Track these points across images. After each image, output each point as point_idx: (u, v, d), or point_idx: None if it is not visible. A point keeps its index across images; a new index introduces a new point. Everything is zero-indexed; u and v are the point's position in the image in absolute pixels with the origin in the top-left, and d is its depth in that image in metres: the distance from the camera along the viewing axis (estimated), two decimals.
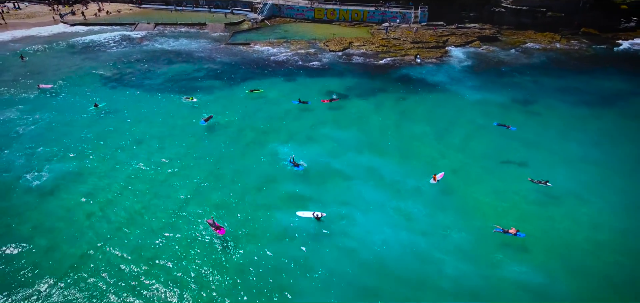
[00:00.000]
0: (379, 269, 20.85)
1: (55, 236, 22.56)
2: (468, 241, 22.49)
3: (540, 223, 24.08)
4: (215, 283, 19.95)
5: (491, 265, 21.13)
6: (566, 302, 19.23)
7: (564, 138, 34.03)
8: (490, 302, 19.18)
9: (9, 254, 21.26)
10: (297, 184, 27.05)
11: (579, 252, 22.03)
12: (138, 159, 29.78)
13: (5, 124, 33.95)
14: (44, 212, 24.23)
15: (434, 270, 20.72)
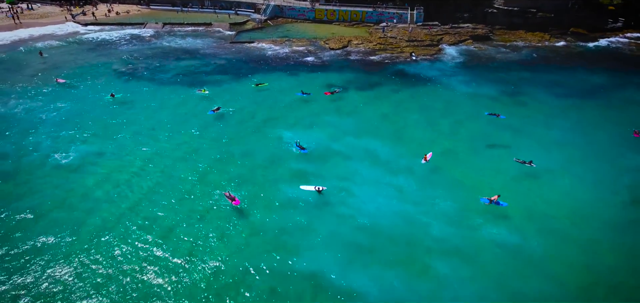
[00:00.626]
0: (372, 231, 23.56)
1: (83, 206, 25.27)
2: (453, 209, 25.24)
3: (519, 194, 26.82)
4: (231, 242, 22.67)
5: (472, 228, 23.86)
6: (536, 257, 21.90)
7: (546, 125, 36.81)
8: (470, 257, 21.85)
9: (45, 219, 23.94)
10: (301, 163, 29.83)
11: (551, 218, 24.75)
12: (154, 142, 32.57)
13: (30, 112, 36.77)
14: (72, 185, 26.97)
15: (421, 232, 23.45)
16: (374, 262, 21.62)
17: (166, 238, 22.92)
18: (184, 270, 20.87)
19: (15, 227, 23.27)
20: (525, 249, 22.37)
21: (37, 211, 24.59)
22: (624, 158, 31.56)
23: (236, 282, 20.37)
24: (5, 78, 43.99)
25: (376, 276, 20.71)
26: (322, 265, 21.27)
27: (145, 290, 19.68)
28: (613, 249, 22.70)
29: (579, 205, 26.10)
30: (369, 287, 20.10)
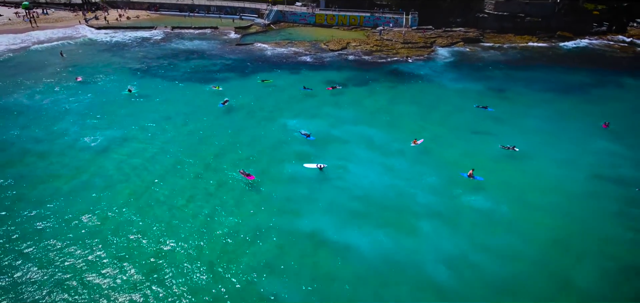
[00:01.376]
0: (366, 200, 27.16)
1: (114, 178, 28.88)
2: (437, 183, 28.89)
3: (497, 172, 30.47)
4: (244, 207, 26.25)
5: (452, 197, 27.48)
6: (506, 219, 25.54)
7: (527, 116, 40.61)
8: (449, 219, 25.45)
9: (80, 191, 27.51)
10: (304, 146, 33.52)
11: (522, 190, 28.41)
12: (170, 129, 36.27)
13: (56, 103, 40.49)
14: (102, 162, 30.64)
15: (409, 200, 27.06)
16: (367, 224, 25.18)
17: (188, 204, 26.54)
18: (205, 228, 24.45)
19: (57, 195, 26.85)
20: (497, 212, 26.00)
21: (73, 182, 28.20)
22: (591, 144, 35.31)
23: (250, 237, 23.92)
24: (30, 76, 47.71)
25: (368, 234, 24.28)
26: (322, 226, 24.84)
27: (172, 244, 23.21)
28: (572, 213, 26.42)
29: (547, 180, 29.80)
30: (362, 242, 23.65)
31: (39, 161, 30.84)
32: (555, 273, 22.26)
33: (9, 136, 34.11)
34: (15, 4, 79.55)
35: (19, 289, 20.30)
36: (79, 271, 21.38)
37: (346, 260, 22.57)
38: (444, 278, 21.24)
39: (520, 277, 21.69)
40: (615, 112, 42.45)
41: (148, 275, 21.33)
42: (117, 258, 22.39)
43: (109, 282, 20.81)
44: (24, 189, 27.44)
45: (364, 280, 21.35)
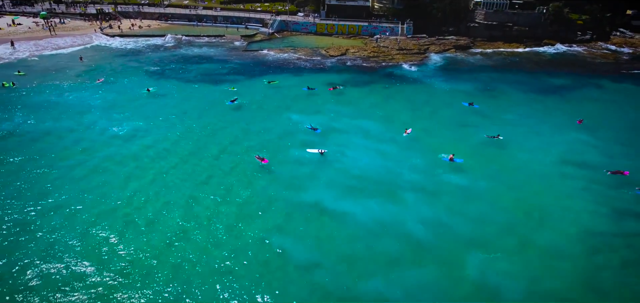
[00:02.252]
0: (361, 178, 31.55)
1: (139, 162, 33.27)
2: (422, 164, 33.37)
3: (476, 156, 34.96)
4: (256, 183, 30.62)
5: (435, 175, 31.92)
6: (480, 192, 29.91)
7: (509, 112, 45.27)
8: (430, 192, 29.83)
9: (113, 170, 31.91)
10: (307, 136, 38.01)
11: (497, 171, 32.84)
12: (187, 121, 40.82)
13: (82, 100, 45.11)
14: (128, 147, 35.10)
15: (397, 177, 31.48)
16: (361, 196, 29.56)
17: (208, 181, 30.97)
18: (224, 199, 28.82)
19: (93, 174, 31.28)
20: (472, 187, 30.43)
21: (105, 164, 32.64)
22: (564, 136, 39.90)
23: (262, 206, 28.27)
24: (55, 77, 52.44)
25: (361, 203, 28.65)
26: (323, 198, 29.19)
27: (196, 211, 27.57)
28: (541, 189, 30.89)
29: (521, 163, 34.29)
30: (356, 210, 27.99)
31: (74, 145, 35.31)
32: (519, 233, 26.61)
33: (45, 126, 38.64)
34: (34, 14, 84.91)
35: (76, 236, 24.63)
36: (118, 233, 25.67)
37: (343, 222, 26.91)
38: (421, 234, 25.65)
39: (488, 236, 26.01)
40: (591, 111, 47.21)
41: (178, 235, 25.61)
42: (150, 222, 26.67)
43: (145, 241, 25.07)
44: (64, 168, 31.84)
45: (357, 237, 25.68)
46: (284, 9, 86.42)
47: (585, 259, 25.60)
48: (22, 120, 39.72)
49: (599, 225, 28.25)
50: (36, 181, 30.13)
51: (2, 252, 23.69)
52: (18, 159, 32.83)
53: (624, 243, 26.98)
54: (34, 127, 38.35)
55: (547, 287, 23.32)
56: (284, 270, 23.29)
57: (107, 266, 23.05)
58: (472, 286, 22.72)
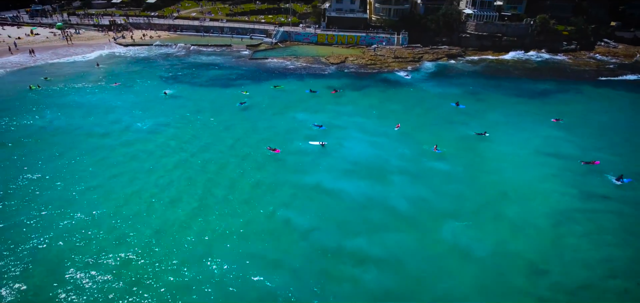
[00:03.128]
0: (355, 164, 36.78)
1: (162, 152, 38.50)
2: (408, 153, 38.72)
3: (458, 148, 40.21)
4: (265, 169, 35.79)
5: (419, 162, 37.25)
6: (458, 176, 34.97)
7: (493, 112, 50.57)
8: (414, 175, 35.01)
9: (139, 158, 37.07)
10: (310, 131, 43.25)
11: (476, 160, 38.07)
12: (202, 119, 46.13)
13: (105, 101, 50.47)
14: (152, 140, 40.39)
15: (386, 163, 36.82)
16: (354, 178, 34.77)
17: (223, 167, 36.16)
18: (238, 182, 33.93)
19: (122, 162, 36.47)
20: (452, 172, 35.74)
21: (132, 153, 37.76)
22: (541, 132, 45.23)
23: (271, 187, 33.39)
24: (75, 81, 57.83)
25: (355, 184, 33.93)
26: (323, 180, 34.37)
27: (213, 191, 32.65)
28: (515, 174, 36.12)
29: (498, 153, 39.50)
30: (349, 188, 33.28)
31: (104, 138, 40.62)
32: (491, 208, 31.67)
33: (75, 122, 43.91)
34: (50, 25, 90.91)
35: (109, 205, 29.62)
36: (148, 207, 30.74)
37: (339, 198, 32.05)
38: (404, 207, 30.99)
39: (462, 210, 31.07)
40: (569, 112, 52.48)
41: (199, 209, 30.68)
42: (172, 202, 31.64)
43: (171, 213, 30.13)
44: (97, 157, 37.04)
45: (351, 209, 30.87)
46: (286, 21, 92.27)
47: (550, 229, 30.51)
48: (53, 117, 45.01)
49: (565, 203, 33.24)
50: (74, 167, 35.38)
51: (55, 221, 28.75)
52: (55, 150, 38.06)
53: (586, 217, 31.85)
54: (65, 123, 43.65)
55: (511, 248, 28.24)
56: (289, 233, 28.30)
57: (141, 233, 28.03)
58: (444, 246, 27.66)
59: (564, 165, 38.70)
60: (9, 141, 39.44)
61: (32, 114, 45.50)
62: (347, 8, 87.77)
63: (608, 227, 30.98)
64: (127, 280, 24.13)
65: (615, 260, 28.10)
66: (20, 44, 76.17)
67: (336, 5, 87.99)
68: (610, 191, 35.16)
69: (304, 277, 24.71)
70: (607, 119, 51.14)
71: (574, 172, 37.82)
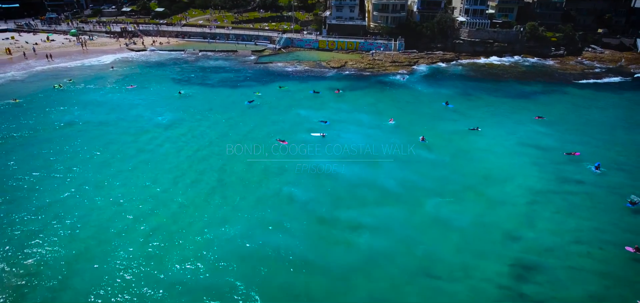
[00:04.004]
0: (352, 151, 42.01)
1: (180, 142, 43.57)
2: (399, 143, 43.81)
3: (445, 140, 45.35)
4: (273, 155, 40.86)
5: (408, 150, 42.32)
6: (443, 163, 39.92)
7: (480, 110, 55.70)
8: (403, 160, 40.03)
9: (162, 146, 42.13)
10: (312, 124, 48.30)
11: (461, 150, 43.11)
12: (213, 115, 51.36)
13: (125, 100, 55.76)
14: (172, 131, 45.60)
15: (377, 151, 42.03)
16: (350, 163, 39.93)
17: (235, 155, 41.27)
18: (249, 166, 38.92)
19: (145, 149, 41.62)
20: (438, 160, 40.86)
21: (155, 142, 42.91)
22: (524, 127, 50.40)
23: (278, 170, 38.43)
24: (96, 82, 63.18)
25: (349, 168, 39.03)
26: (322, 164, 39.47)
27: (229, 173, 37.70)
28: (497, 162, 41.19)
29: (483, 145, 44.59)
30: (344, 171, 38.35)
31: (128, 130, 45.99)
32: (471, 188, 36.62)
33: (100, 117, 49.13)
34: (64, 32, 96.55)
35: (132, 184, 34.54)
36: (171, 186, 35.73)
37: (334, 179, 37.22)
38: (392, 185, 36.14)
39: (445, 189, 36.13)
40: (553, 111, 57.57)
41: (216, 188, 35.64)
42: (193, 181, 36.61)
43: (192, 191, 35.08)
44: (123, 145, 42.10)
45: (345, 187, 35.94)
46: (289, 28, 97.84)
47: (525, 205, 35.12)
48: (80, 113, 50.23)
49: (542, 185, 37.89)
50: (106, 153, 40.50)
51: (89, 199, 33.71)
52: (86, 140, 43.27)
53: (560, 197, 36.36)
54: (92, 118, 48.85)
55: (489, 220, 32.99)
56: (293, 204, 33.43)
57: (168, 205, 32.95)
58: (428, 217, 32.53)
59: (543, 155, 43.55)
60: (45, 132, 44.67)
61: (62, 110, 50.73)
62: (347, 16, 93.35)
63: (579, 204, 35.39)
64: (160, 239, 28.98)
65: (582, 230, 32.31)
66: (38, 49, 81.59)
67: (336, 14, 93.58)
68: (585, 177, 39.48)
69: (304, 239, 29.59)
70: (588, 117, 56.11)
71: (553, 161, 42.55)
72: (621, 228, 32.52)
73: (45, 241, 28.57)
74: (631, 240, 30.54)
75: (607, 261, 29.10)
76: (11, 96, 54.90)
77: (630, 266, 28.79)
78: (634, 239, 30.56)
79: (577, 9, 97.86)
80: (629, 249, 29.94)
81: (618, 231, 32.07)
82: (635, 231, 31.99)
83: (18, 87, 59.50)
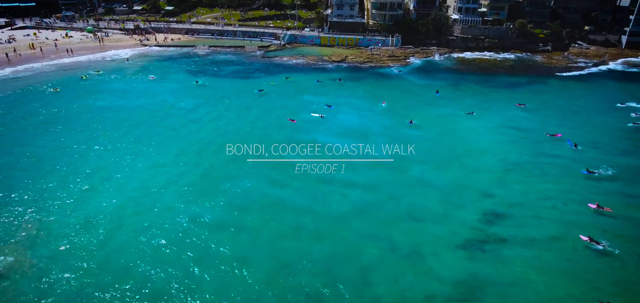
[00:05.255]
0: (346, 129, 49.74)
1: (202, 122, 50.88)
2: (389, 123, 51.44)
3: (432, 121, 52.58)
4: (282, 131, 47.84)
5: (398, 129, 49.74)
6: (431, 139, 46.90)
7: (466, 98, 62.66)
8: (392, 137, 47.06)
9: (186, 126, 49.17)
10: (315, 107, 55.33)
11: (446, 129, 50.48)
12: (228, 101, 58.77)
13: (148, 89, 62.93)
14: (194, 113, 52.98)
15: (369, 130, 49.62)
16: (345, 138, 47.44)
17: (249, 133, 48.53)
18: (263, 139, 46.02)
19: (173, 127, 48.79)
20: (425, 136, 48.38)
21: (180, 122, 50.15)
22: (506, 112, 57.62)
23: (285, 142, 45.37)
24: (118, 73, 70.34)
25: (343, 140, 46.50)
26: (321, 138, 47.03)
27: (245, 146, 44.74)
28: (480, 139, 48.37)
29: (467, 126, 51.80)
30: (339, 143, 45.80)
31: (157, 113, 53.43)
32: (453, 159, 43.76)
33: (130, 103, 56.44)
34: (80, 29, 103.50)
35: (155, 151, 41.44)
36: (197, 156, 42.97)
37: (330, 149, 44.48)
38: (380, 155, 43.34)
39: (429, 159, 43.44)
40: (535, 99, 64.34)
41: (235, 155, 42.78)
42: (215, 151, 43.72)
43: (214, 160, 42.24)
44: (153, 124, 49.20)
45: (338, 155, 43.41)
46: (293, 25, 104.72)
47: (501, 172, 42.04)
48: (111, 98, 57.62)
49: (519, 158, 44.77)
50: (139, 131, 47.63)
51: (130, 164, 40.71)
52: (121, 119, 50.83)
53: (534, 166, 43.13)
54: (124, 103, 56.22)
55: (466, 182, 39.92)
56: (294, 168, 40.11)
57: (194, 171, 40.17)
58: (413, 179, 39.70)
59: (524, 135, 50.28)
60: (85, 114, 52.06)
61: (95, 96, 57.88)
62: (347, 14, 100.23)
63: (550, 172, 41.77)
64: (192, 192, 36.13)
65: (549, 191, 38.71)
66: (59, 45, 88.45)
67: (337, 12, 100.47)
68: (561, 152, 45.81)
69: (304, 193, 36.93)
70: (568, 104, 62.90)
71: (532, 140, 49.00)
72: (588, 190, 38.31)
73: (100, 194, 35.69)
74: (595, 199, 36.45)
75: (569, 213, 35.23)
76: (47, 85, 62.07)
77: (590, 216, 34.74)
78: (598, 198, 36.44)
79: (565, 7, 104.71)
80: (590, 205, 36.01)
81: (584, 192, 38.04)
82: (600, 193, 37.86)
83: (49, 77, 66.58)
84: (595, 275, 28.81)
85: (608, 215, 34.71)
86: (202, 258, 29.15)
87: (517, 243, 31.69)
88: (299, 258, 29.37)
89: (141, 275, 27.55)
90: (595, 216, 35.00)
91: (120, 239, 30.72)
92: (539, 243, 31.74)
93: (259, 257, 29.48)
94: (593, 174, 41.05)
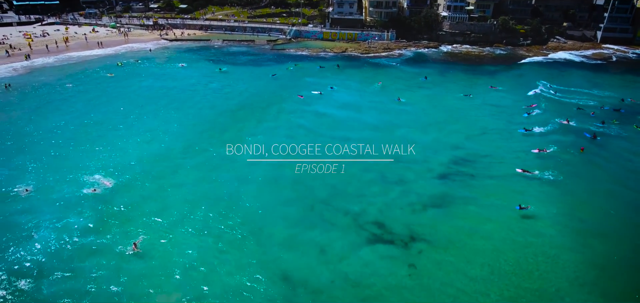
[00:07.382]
0: (342, 104, 62.53)
1: (226, 97, 63.01)
2: (380, 101, 63.67)
3: (419, 99, 64.48)
4: (291, 103, 60.13)
5: (387, 105, 62.44)
6: (417, 113, 59.17)
7: (450, 82, 74.86)
8: (383, 110, 59.29)
9: (211, 101, 61.26)
10: (314, 87, 67.38)
11: (431, 106, 62.90)
12: (246, 84, 71.30)
13: (179, 74, 75.52)
14: (218, 92, 65.32)
15: (363, 105, 62.16)
16: (340, 109, 60.02)
17: (266, 108, 60.58)
18: (276, 112, 57.88)
19: (200, 102, 60.91)
20: (411, 111, 60.95)
21: (211, 99, 62.48)
22: (485, 94, 69.40)
23: (292, 112, 57.37)
24: (150, 62, 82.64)
25: (340, 111, 59.27)
26: (321, 109, 59.69)
27: (263, 114, 56.59)
28: (461, 114, 60.72)
29: (451, 104, 63.96)
30: (336, 113, 58.45)
31: (192, 93, 65.52)
32: (435, 126, 55.92)
33: (169, 84, 69.03)
34: (103, 25, 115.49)
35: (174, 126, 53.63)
36: (222, 128, 55.00)
37: (329, 117, 57.23)
38: (370, 121, 56.10)
39: (413, 126, 55.80)
40: (506, 82, 76.34)
41: (255, 123, 54.84)
42: (237, 119, 55.71)
43: (237, 127, 54.37)
44: (189, 100, 61.36)
45: (335, 122, 55.86)
46: (297, 22, 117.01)
47: (477, 135, 54.00)
48: (151, 81, 70.15)
49: (494, 125, 56.85)
50: (175, 102, 60.61)
51: (171, 129, 52.61)
52: (161, 95, 63.69)
53: (505, 130, 55.25)
54: (162, 84, 68.93)
55: (444, 141, 52.01)
56: (301, 130, 52.57)
57: (220, 141, 51.25)
58: (397, 138, 51.73)
59: (497, 110, 62.32)
60: (133, 91, 64.20)
61: (138, 79, 69.82)
62: (347, 11, 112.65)
63: (517, 136, 54.03)
64: (211, 163, 47.64)
65: (515, 145, 50.93)
66: (89, 38, 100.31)
67: (338, 9, 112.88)
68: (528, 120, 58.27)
69: (308, 146, 48.41)
70: (532, 84, 74.96)
71: (507, 113, 61.01)
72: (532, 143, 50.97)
73: (148, 147, 47.87)
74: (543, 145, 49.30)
75: (521, 159, 47.13)
76: (101, 70, 75.10)
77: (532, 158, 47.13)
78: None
79: (546, 5, 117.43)
80: (534, 151, 48.44)
81: (542, 142, 50.45)
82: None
83: (92, 64, 78.38)
84: (525, 187, 40.87)
85: (545, 156, 47.23)
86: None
87: (481, 177, 43.26)
88: (310, 180, 41.68)
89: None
90: (536, 157, 47.41)
91: (179, 162, 43.93)
92: (496, 177, 43.53)
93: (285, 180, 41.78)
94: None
